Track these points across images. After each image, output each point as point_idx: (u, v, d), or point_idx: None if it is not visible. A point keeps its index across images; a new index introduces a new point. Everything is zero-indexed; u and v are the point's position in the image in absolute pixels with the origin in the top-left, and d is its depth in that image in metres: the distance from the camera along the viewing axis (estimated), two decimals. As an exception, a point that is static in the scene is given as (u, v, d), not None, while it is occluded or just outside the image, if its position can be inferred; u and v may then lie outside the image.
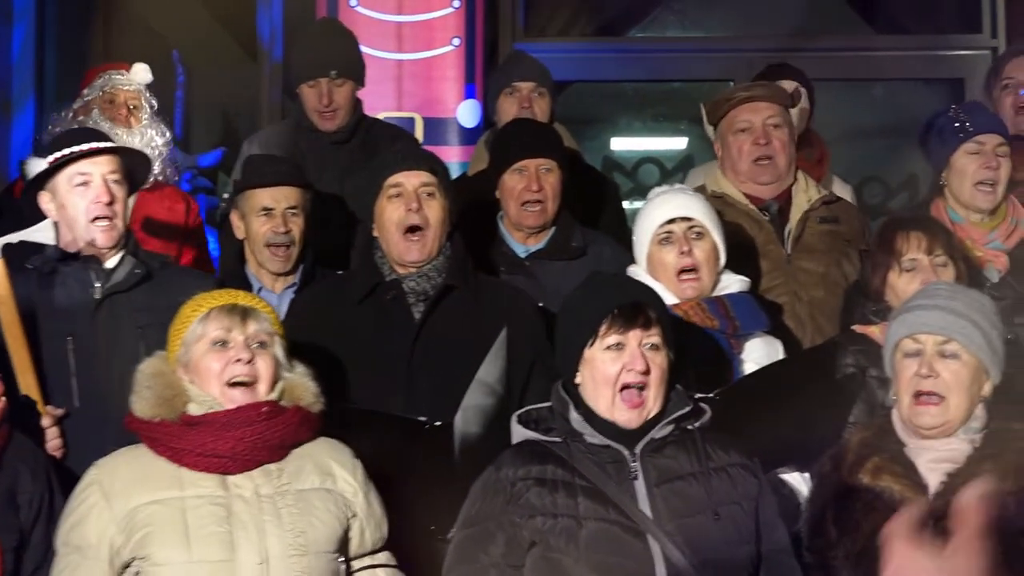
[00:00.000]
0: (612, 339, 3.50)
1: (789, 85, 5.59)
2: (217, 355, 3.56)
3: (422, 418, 3.85)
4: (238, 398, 3.55)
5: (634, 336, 3.49)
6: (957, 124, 4.82)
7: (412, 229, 4.29)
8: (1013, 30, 7.36)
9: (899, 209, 6.15)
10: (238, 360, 3.55)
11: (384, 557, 3.74)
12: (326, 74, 5.61)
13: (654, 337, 3.51)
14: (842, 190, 5.79)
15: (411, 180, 4.32)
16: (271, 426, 3.53)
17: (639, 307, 3.51)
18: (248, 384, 3.56)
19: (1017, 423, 3.66)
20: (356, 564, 3.68)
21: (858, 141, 8.51)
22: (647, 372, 3.48)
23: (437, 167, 4.41)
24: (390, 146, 5.31)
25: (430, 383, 4.13)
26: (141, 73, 5.80)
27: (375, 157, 4.69)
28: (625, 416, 3.49)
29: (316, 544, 3.49)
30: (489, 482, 3.49)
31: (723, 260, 4.37)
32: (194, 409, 3.54)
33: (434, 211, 4.30)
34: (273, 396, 3.59)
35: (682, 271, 4.30)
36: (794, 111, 5.11)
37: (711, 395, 3.87)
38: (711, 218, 4.36)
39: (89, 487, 3.49)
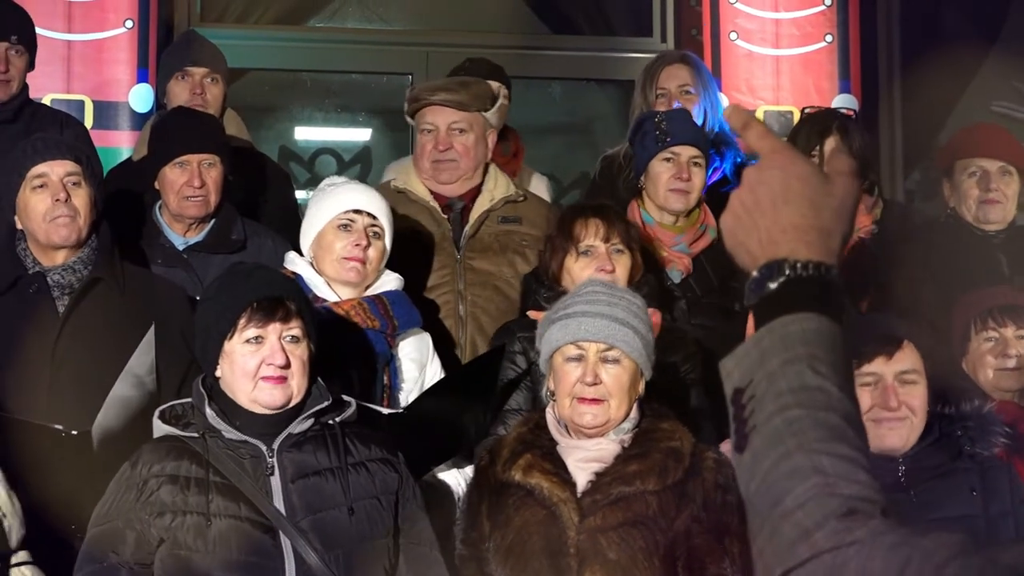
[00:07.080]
0: (251, 332, 3.50)
1: (493, 84, 5.55)
2: None
3: (58, 426, 3.74)
4: None
5: (273, 329, 3.50)
6: (658, 132, 4.92)
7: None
8: (682, 34, 7.55)
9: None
10: None
11: (24, 555, 3.65)
12: (6, 39, 5.32)
13: (294, 329, 3.52)
14: (538, 183, 5.85)
15: (56, 170, 4.20)
16: None
17: (279, 300, 3.51)
18: None
19: (666, 422, 3.78)
20: None
21: (535, 138, 8.62)
22: (287, 366, 3.49)
23: (82, 155, 4.30)
24: (57, 131, 5.10)
25: (74, 378, 4.04)
26: None
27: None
28: (268, 394, 3.49)
29: None
30: (123, 478, 3.47)
31: (385, 260, 4.39)
32: None
33: (81, 200, 4.20)
34: None
35: (351, 259, 4.29)
36: (493, 110, 5.12)
37: (399, 411, 3.95)
38: (389, 222, 4.38)
39: None
